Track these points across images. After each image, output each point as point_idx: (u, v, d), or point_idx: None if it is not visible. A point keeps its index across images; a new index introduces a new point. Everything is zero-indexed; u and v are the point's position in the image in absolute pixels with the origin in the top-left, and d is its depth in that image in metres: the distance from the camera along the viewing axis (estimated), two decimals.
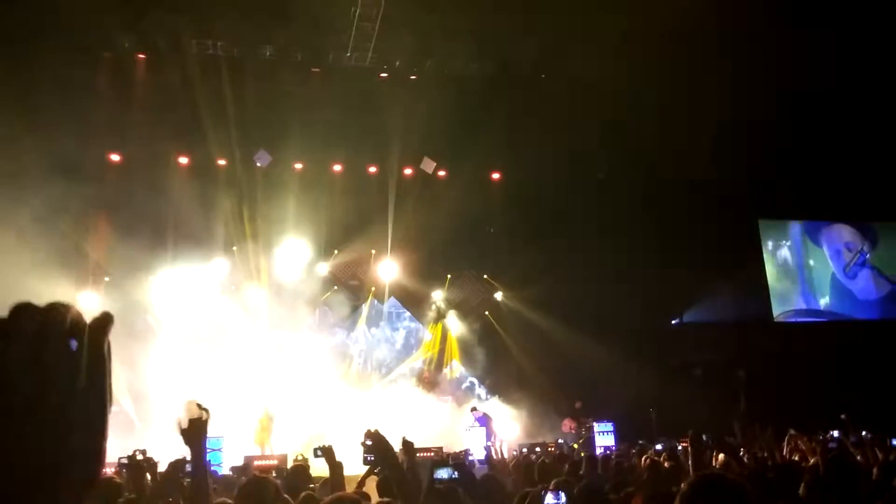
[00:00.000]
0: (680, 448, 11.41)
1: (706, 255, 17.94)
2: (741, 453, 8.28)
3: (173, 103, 15.16)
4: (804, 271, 21.33)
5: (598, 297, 16.90)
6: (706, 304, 19.44)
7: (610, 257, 16.84)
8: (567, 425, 16.61)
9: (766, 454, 8.02)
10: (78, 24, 13.65)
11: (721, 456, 6.66)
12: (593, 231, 17.45)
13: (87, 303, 16.01)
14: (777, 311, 20.51)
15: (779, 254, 21.20)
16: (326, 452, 5.50)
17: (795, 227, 21.46)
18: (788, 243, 21.34)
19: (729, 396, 16.01)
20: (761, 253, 20.81)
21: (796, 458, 7.73)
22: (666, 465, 7.19)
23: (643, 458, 9.99)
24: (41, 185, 12.96)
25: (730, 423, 12.33)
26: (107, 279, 16.47)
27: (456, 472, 4.19)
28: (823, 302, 21.15)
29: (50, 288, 14.81)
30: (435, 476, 4.12)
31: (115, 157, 15.91)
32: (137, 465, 4.91)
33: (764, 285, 20.50)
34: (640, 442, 12.54)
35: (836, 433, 8.27)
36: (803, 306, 20.92)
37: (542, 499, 3.85)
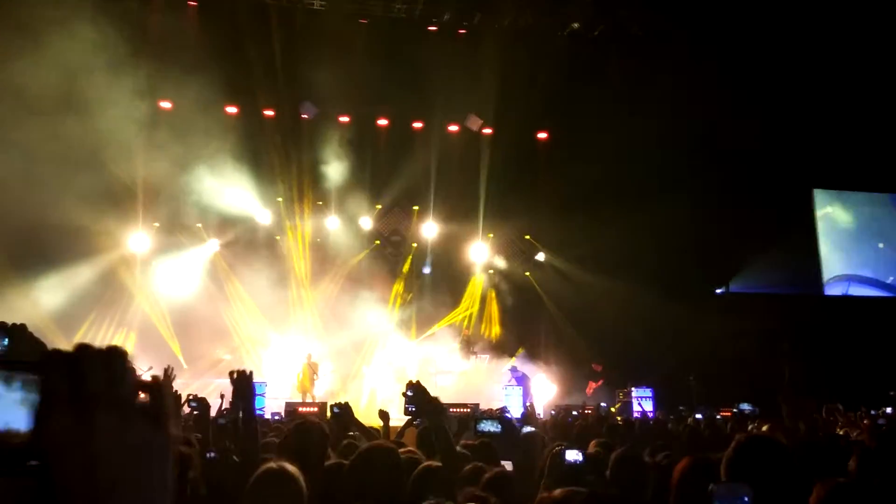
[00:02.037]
0: (719, 417, 11.30)
1: (756, 224, 17.52)
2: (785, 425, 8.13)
3: (222, 52, 15.19)
4: (857, 243, 20.71)
5: (642, 263, 16.66)
6: (754, 273, 19.03)
7: (657, 223, 16.53)
8: (590, 388, 16.62)
9: (808, 426, 7.86)
10: None
11: (765, 427, 6.53)
12: (641, 196, 17.11)
13: (138, 245, 16.44)
14: (827, 283, 19.99)
15: (833, 224, 20.58)
16: (344, 409, 5.59)
17: (852, 197, 20.77)
18: (844, 213, 20.68)
19: (772, 368, 15.73)
20: (814, 223, 20.22)
21: (840, 432, 7.57)
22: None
23: (681, 425, 9.91)
24: (94, 126, 13.18)
25: (773, 395, 12.13)
26: (156, 224, 16.84)
27: (500, 426, 4.18)
28: (873, 274, 20.54)
29: (102, 224, 15.27)
30: (478, 428, 4.12)
31: (165, 105, 16.07)
32: (205, 404, 5.20)
33: (815, 256, 19.97)
34: (681, 408, 12.43)
35: (889, 409, 8.06)
36: (853, 278, 20.37)
37: (562, 455, 3.82)
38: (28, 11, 11.41)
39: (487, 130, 18.25)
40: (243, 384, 3.69)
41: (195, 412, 5.47)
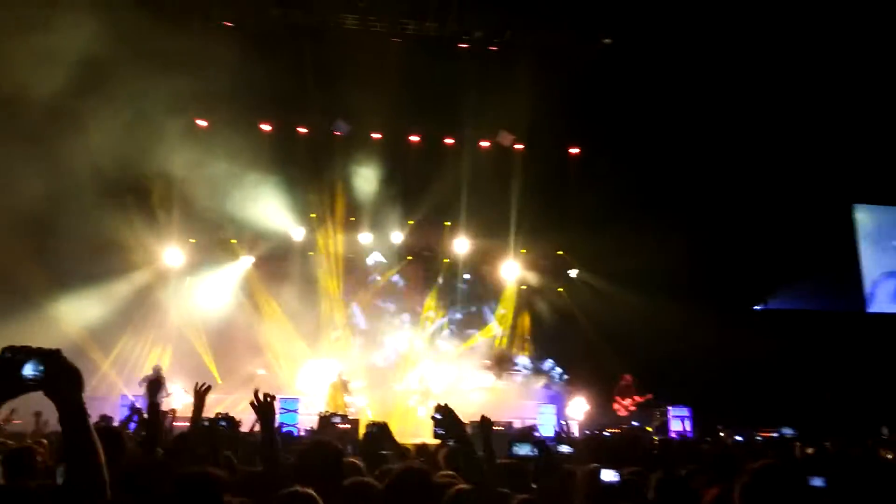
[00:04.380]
0: (759, 439, 11.02)
1: (795, 239, 17.15)
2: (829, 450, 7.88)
3: (257, 70, 15.42)
4: None
5: (678, 279, 16.39)
6: (793, 289, 18.60)
7: (692, 238, 16.29)
8: (620, 406, 16.18)
9: (859, 452, 7.61)
10: None
11: (809, 449, 6.33)
12: (675, 210, 16.89)
13: (174, 261, 16.70)
14: (871, 301, 19.46)
15: (874, 239, 20.05)
16: (380, 429, 5.55)
17: (894, 212, 20.23)
18: (886, 227, 20.15)
19: (814, 388, 15.35)
20: (855, 238, 19.73)
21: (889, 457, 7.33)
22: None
23: (718, 447, 9.68)
24: (131, 143, 13.44)
25: (815, 416, 11.83)
26: (192, 240, 17.09)
27: (536, 450, 4.10)
28: None
29: (139, 240, 15.58)
30: (512, 451, 4.05)
31: (201, 122, 16.37)
32: (235, 422, 5.33)
33: (857, 272, 19.47)
34: (719, 428, 12.15)
35: None
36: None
37: (598, 475, 3.73)
38: (62, 31, 11.66)
39: (519, 146, 18.20)
40: (265, 410, 3.73)
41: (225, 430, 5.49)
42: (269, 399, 3.71)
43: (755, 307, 19.18)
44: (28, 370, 1.97)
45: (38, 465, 3.91)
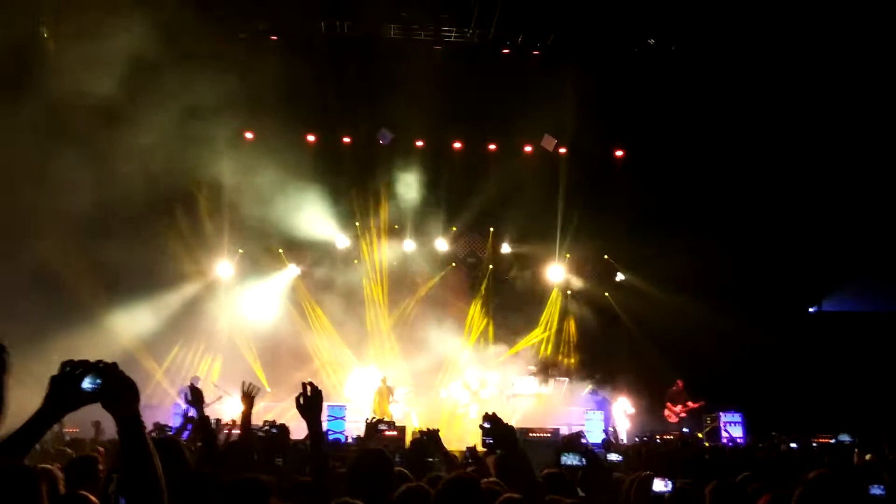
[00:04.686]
0: (815, 445, 10.72)
1: (851, 239, 16.63)
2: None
3: (302, 83, 15.68)
4: None
5: (728, 281, 16.05)
6: (848, 291, 18.04)
7: (743, 239, 15.95)
8: (671, 412, 15.91)
9: None
10: (218, 7, 14.34)
11: (868, 455, 6.13)
12: (725, 211, 16.55)
13: (223, 271, 17.03)
14: None
15: None
16: (430, 436, 5.55)
17: None
18: None
19: (871, 392, 14.84)
20: None
21: None
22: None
23: (772, 452, 9.45)
24: (181, 158, 13.78)
25: (874, 422, 11.42)
26: (240, 251, 17.42)
27: (584, 459, 4.06)
28: None
29: (190, 252, 15.97)
30: (562, 462, 4.01)
31: (248, 135, 16.70)
32: (285, 429, 5.39)
33: None
34: (773, 434, 11.84)
35: None
36: None
37: (649, 483, 3.67)
38: (119, 43, 11.99)
39: (562, 150, 18.07)
40: (311, 404, 3.61)
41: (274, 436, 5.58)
42: (316, 391, 3.62)
43: (809, 310, 18.66)
44: (87, 384, 2.04)
45: (100, 473, 4.03)
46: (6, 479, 1.79)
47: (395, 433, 12.11)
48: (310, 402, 3.56)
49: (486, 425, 3.23)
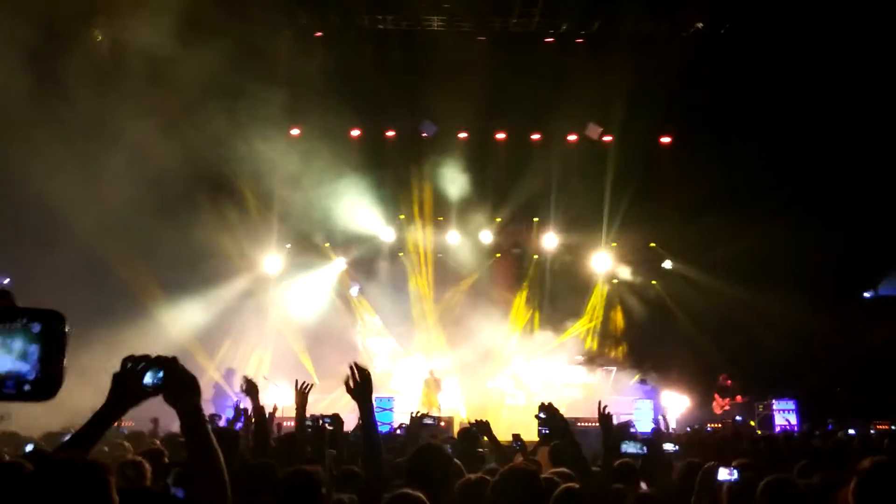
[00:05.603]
0: (874, 432, 10.46)
1: None
2: None
3: (346, 78, 15.81)
4: None
5: (779, 268, 15.69)
6: None
7: (793, 224, 15.54)
8: (717, 405, 15.68)
9: None
10: (263, 4, 14.53)
11: None
12: (775, 197, 16.16)
13: (272, 266, 17.32)
14: None
15: None
16: (482, 429, 5.56)
17: None
18: None
19: None
20: None
21: None
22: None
23: (828, 441, 9.21)
24: (230, 153, 14.02)
25: None
26: (287, 246, 17.69)
27: (645, 448, 4.04)
28: None
29: (239, 247, 16.26)
30: (622, 450, 4.00)
31: (294, 131, 16.92)
32: (339, 421, 5.40)
33: None
34: (829, 422, 11.57)
35: None
36: None
37: (715, 473, 3.63)
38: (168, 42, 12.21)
39: (608, 138, 17.84)
40: (361, 387, 3.49)
41: (329, 429, 5.66)
42: (365, 372, 3.50)
43: (865, 294, 18.13)
44: (148, 378, 2.09)
45: (163, 467, 4.16)
46: (77, 475, 1.84)
47: (443, 424, 12.19)
48: (360, 385, 3.48)
49: (542, 416, 3.23)
